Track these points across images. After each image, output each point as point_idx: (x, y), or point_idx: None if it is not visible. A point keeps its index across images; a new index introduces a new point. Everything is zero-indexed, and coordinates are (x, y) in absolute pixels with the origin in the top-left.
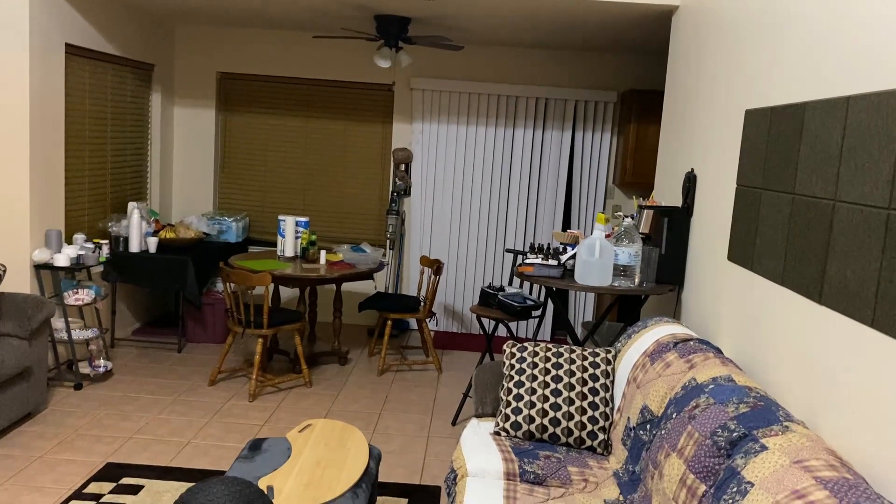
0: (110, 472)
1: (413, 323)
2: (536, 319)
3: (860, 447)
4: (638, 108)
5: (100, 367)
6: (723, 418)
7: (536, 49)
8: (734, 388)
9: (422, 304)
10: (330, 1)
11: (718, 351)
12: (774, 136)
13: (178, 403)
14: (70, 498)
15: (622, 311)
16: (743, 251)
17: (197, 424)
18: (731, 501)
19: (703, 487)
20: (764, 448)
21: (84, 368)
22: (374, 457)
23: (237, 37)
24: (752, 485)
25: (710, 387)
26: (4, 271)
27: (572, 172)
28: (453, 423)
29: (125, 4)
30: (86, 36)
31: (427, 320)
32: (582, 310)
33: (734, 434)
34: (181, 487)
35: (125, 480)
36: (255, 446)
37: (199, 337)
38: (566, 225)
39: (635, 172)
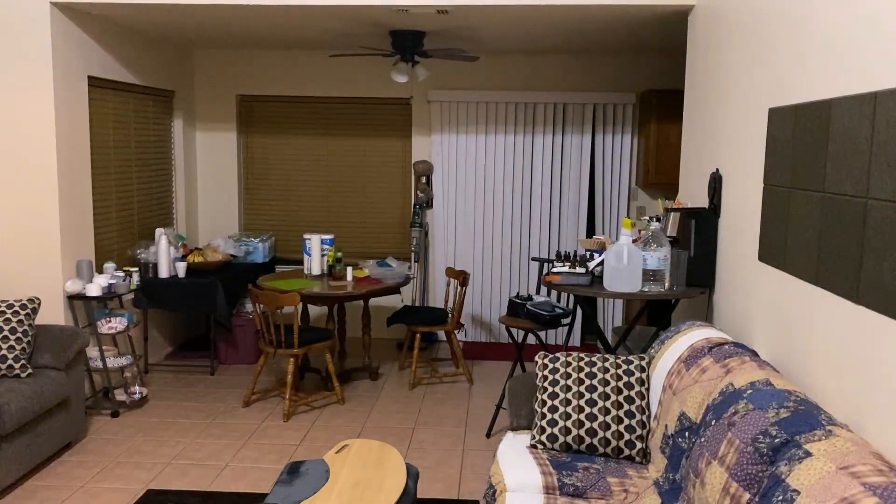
0: (151, 499)
1: (442, 334)
2: (566, 327)
3: None
4: (658, 108)
5: (135, 393)
6: (763, 424)
7: (552, 55)
8: (773, 392)
9: (449, 315)
10: (345, 20)
11: (754, 354)
12: (800, 134)
13: (214, 426)
14: None
15: (652, 315)
16: (774, 251)
17: (234, 447)
18: None
19: (746, 496)
20: (808, 454)
21: (120, 396)
22: (412, 475)
23: (255, 59)
24: (799, 493)
25: (749, 392)
26: (39, 304)
27: (594, 176)
28: (488, 436)
29: (144, 34)
30: (107, 67)
31: (455, 332)
32: (611, 315)
33: (776, 440)
34: None
35: None
36: (294, 469)
37: (230, 358)
38: (591, 230)
39: (658, 173)
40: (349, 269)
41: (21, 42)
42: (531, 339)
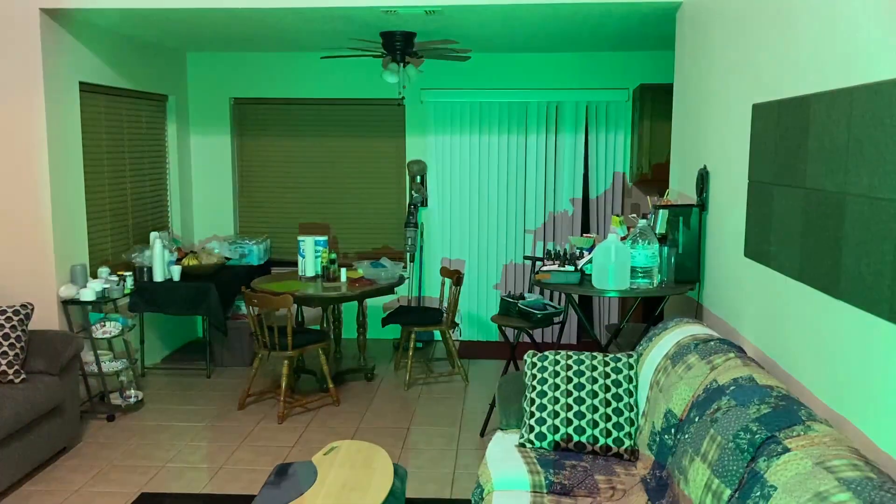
0: (145, 503)
1: (438, 334)
2: (559, 326)
3: (887, 444)
4: (651, 104)
5: (130, 397)
6: (744, 420)
7: (544, 53)
8: (755, 388)
9: (444, 315)
10: (334, 22)
11: (740, 350)
12: (783, 129)
13: (209, 429)
14: None
15: (647, 312)
16: (759, 247)
17: (228, 449)
18: None
19: (728, 492)
20: (786, 450)
21: (115, 400)
22: (400, 476)
23: (248, 62)
24: (776, 488)
25: (731, 388)
26: (32, 310)
27: (588, 174)
28: (481, 435)
29: (135, 39)
30: (98, 73)
31: (450, 331)
32: (607, 312)
33: (756, 436)
34: None
35: None
36: (282, 472)
37: (227, 361)
38: (586, 228)
39: (651, 169)
40: (343, 270)
41: (10, 48)
42: (527, 338)
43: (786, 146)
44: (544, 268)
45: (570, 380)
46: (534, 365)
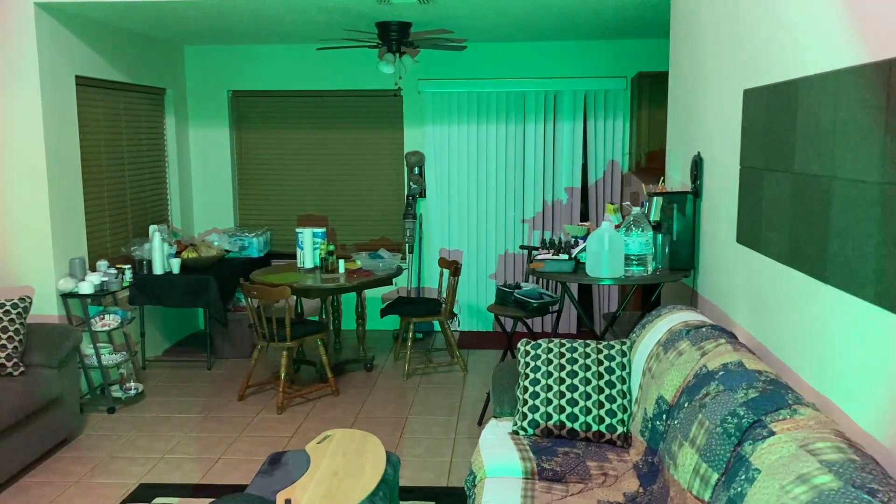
0: (143, 493)
1: (437, 324)
2: (555, 315)
3: (871, 427)
4: (650, 92)
5: (131, 389)
6: (732, 405)
7: (541, 41)
8: (744, 373)
9: (443, 305)
10: (329, 12)
11: (731, 336)
12: (772, 114)
13: (209, 420)
14: None
15: (644, 299)
16: (750, 233)
17: (227, 440)
18: (739, 489)
19: (715, 476)
20: (771, 433)
21: (116, 392)
22: (392, 464)
23: (245, 55)
24: (760, 471)
25: (721, 373)
26: (30, 303)
27: (587, 163)
28: (479, 423)
29: (131, 32)
30: (95, 66)
31: (449, 321)
32: (607, 300)
33: (743, 420)
34: None
35: (158, 500)
36: (275, 460)
37: (227, 353)
38: (585, 217)
39: (650, 157)
40: (341, 261)
41: (6, 43)
42: (524, 328)
43: (775, 131)
44: (538, 257)
45: (563, 367)
46: (527, 353)
